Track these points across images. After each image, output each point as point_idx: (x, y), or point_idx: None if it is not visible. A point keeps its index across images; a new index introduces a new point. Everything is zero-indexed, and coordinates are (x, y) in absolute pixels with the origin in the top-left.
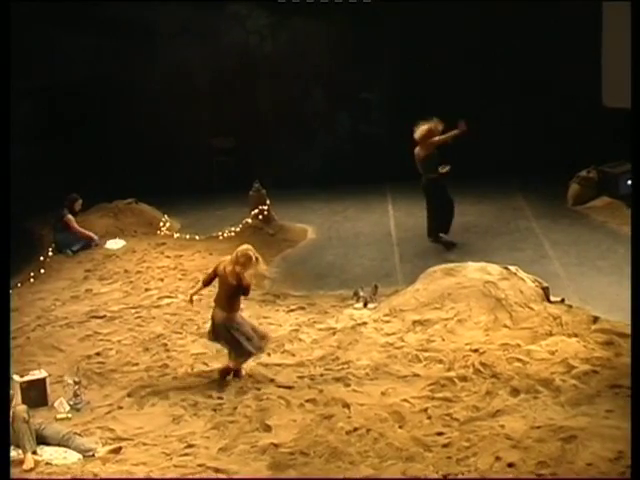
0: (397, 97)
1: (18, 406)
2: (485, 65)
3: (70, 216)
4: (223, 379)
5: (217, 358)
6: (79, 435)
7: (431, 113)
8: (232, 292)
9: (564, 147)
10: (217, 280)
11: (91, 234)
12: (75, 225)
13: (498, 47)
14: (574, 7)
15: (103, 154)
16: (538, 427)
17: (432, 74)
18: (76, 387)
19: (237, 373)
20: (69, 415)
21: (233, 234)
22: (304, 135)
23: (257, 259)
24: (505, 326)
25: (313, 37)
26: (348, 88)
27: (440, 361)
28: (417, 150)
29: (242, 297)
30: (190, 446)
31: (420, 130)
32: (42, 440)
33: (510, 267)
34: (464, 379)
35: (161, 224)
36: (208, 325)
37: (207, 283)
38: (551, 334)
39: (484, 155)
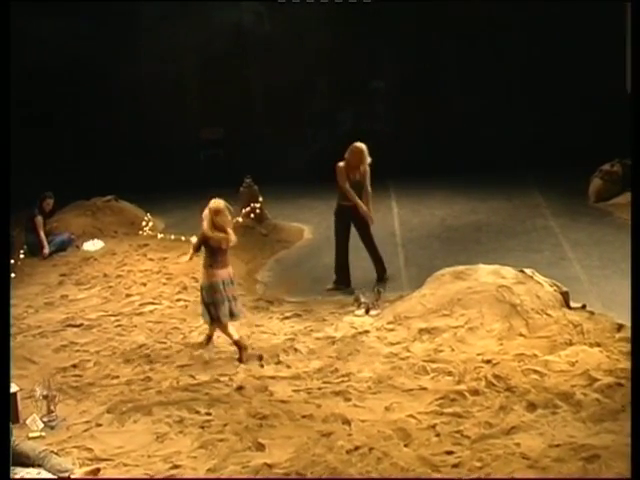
0: (405, 86)
1: None
2: (501, 53)
3: (38, 217)
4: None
5: (205, 370)
6: (56, 454)
7: (441, 104)
8: (208, 251)
9: (585, 138)
10: None
11: (45, 244)
12: (38, 228)
13: (516, 35)
14: None
15: (80, 147)
16: (557, 445)
17: (444, 62)
18: (50, 403)
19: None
20: (42, 433)
21: None
22: (301, 126)
23: (228, 209)
24: (520, 335)
25: (314, 17)
26: (352, 75)
27: (449, 373)
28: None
29: (222, 256)
30: (175, 467)
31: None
32: (15, 459)
33: (526, 270)
34: (476, 393)
35: (143, 223)
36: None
37: (197, 249)
38: (571, 343)
39: (497, 147)
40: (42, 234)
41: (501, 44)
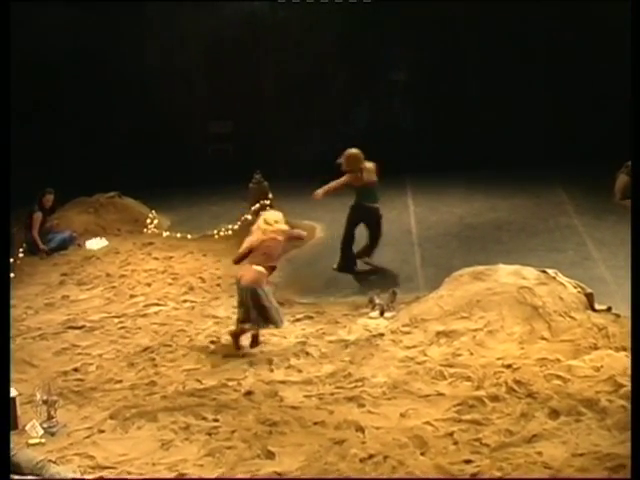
0: (425, 79)
1: None
2: (523, 45)
3: (37, 214)
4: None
5: (212, 374)
6: (54, 463)
7: (460, 98)
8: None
9: (611, 132)
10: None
11: (39, 242)
12: (34, 225)
13: (537, 28)
14: None
15: (83, 140)
16: (581, 454)
17: (465, 55)
18: (51, 408)
19: (255, 340)
20: (42, 440)
21: (230, 232)
22: (314, 119)
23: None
24: (543, 338)
25: (330, 5)
26: (370, 66)
27: (468, 378)
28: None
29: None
30: (181, 475)
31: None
32: (13, 469)
33: (548, 270)
34: (495, 399)
35: (148, 221)
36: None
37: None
38: (596, 347)
39: (519, 142)
40: (35, 232)
41: (524, 37)
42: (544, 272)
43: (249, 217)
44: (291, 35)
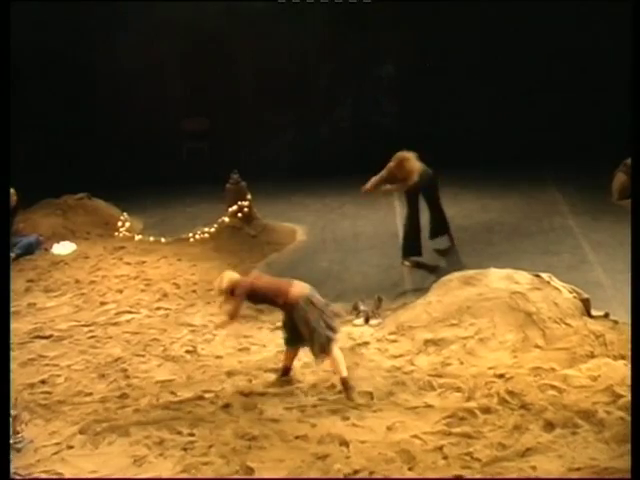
0: (412, 76)
1: None
2: (514, 42)
3: None
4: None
5: (187, 386)
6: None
7: (450, 94)
8: None
9: (608, 128)
10: None
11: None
12: None
13: (531, 25)
14: None
15: (50, 139)
16: (577, 469)
17: (454, 52)
18: (16, 422)
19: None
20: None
21: (207, 235)
22: (294, 117)
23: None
24: (536, 346)
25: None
26: (353, 64)
27: (458, 389)
28: None
29: None
30: None
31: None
32: None
33: (542, 274)
34: (487, 411)
35: (119, 224)
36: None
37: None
38: (593, 356)
39: (511, 140)
40: None
41: (516, 34)
42: (538, 276)
43: (226, 219)
44: (268, 27)
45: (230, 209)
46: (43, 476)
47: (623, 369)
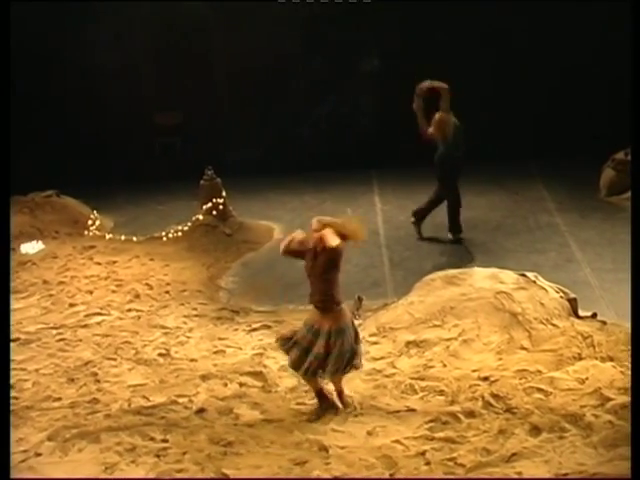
0: (394, 69)
1: None
2: (502, 37)
3: None
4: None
5: (160, 390)
6: None
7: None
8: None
9: (596, 123)
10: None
11: None
12: None
13: (518, 22)
14: None
15: (16, 133)
16: (565, 474)
17: (439, 45)
18: None
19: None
20: None
21: (180, 234)
22: (271, 110)
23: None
24: (522, 348)
25: None
26: (336, 60)
27: (441, 392)
28: None
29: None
30: None
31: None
32: None
33: (528, 274)
34: (471, 415)
35: (89, 222)
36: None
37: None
38: (580, 358)
39: (495, 133)
40: None
41: (504, 29)
42: (523, 275)
43: (200, 217)
44: (244, 16)
45: (204, 206)
46: None
47: (611, 371)
